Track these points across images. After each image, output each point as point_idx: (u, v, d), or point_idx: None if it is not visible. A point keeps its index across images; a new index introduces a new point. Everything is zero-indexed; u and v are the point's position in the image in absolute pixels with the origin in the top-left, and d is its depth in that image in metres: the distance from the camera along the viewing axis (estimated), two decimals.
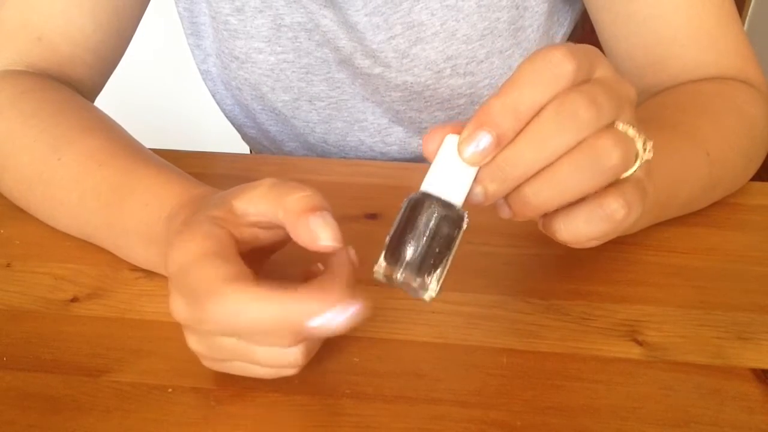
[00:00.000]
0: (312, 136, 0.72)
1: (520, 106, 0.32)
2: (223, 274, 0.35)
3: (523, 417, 0.39)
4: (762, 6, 1.73)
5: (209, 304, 0.34)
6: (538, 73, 0.33)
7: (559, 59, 0.33)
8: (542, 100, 0.33)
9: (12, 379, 0.41)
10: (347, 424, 0.38)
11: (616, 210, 0.35)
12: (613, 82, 0.35)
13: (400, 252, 0.34)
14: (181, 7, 0.70)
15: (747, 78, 0.58)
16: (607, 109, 0.33)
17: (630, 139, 0.35)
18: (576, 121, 0.33)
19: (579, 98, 0.33)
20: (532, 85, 0.33)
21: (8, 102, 0.55)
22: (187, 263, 0.36)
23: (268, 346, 0.37)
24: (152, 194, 0.46)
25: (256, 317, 0.34)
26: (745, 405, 0.40)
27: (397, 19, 0.63)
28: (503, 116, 0.32)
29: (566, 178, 0.33)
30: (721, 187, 0.55)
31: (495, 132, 0.32)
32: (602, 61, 0.36)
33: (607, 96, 0.34)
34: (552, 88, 0.33)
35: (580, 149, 0.33)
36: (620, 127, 0.35)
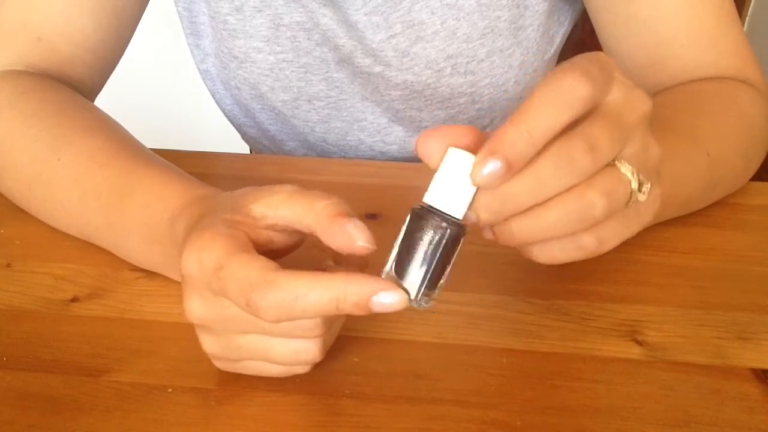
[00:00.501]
0: (312, 136, 0.72)
1: (534, 132, 0.32)
2: (265, 265, 0.35)
3: (523, 417, 0.39)
4: (762, 6, 1.73)
5: (264, 295, 0.34)
6: (551, 99, 0.33)
7: (571, 84, 0.33)
8: (557, 127, 0.33)
9: (12, 379, 0.41)
10: (347, 424, 0.38)
11: (590, 243, 0.35)
12: (624, 107, 0.35)
13: (408, 270, 0.35)
14: (181, 7, 0.70)
15: (747, 78, 0.58)
16: (607, 151, 0.34)
17: (623, 184, 0.35)
18: (572, 167, 0.33)
19: (578, 144, 0.33)
20: (545, 111, 0.32)
21: (8, 102, 0.55)
22: (217, 262, 0.35)
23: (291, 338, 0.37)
24: (154, 195, 0.46)
25: (315, 300, 0.34)
26: (745, 405, 0.40)
27: (397, 18, 0.63)
28: (516, 144, 0.32)
29: (553, 221, 0.34)
30: (722, 187, 0.55)
31: (508, 159, 0.32)
32: (617, 77, 0.35)
33: (609, 135, 0.34)
34: (566, 114, 0.33)
35: (569, 196, 0.33)
36: (620, 165, 0.35)
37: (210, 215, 0.39)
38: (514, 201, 0.34)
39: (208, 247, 0.36)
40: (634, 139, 0.35)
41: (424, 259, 0.35)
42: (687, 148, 0.50)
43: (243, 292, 0.35)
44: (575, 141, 0.33)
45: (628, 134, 0.35)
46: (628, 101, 0.35)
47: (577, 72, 0.33)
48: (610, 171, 0.34)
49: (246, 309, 0.35)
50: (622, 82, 0.35)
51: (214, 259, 0.35)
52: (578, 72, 0.33)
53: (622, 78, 0.36)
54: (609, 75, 0.35)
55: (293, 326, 0.37)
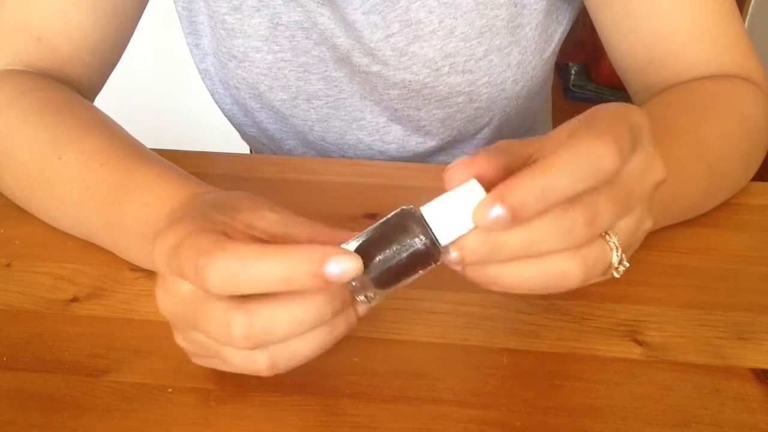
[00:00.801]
0: (311, 135, 0.72)
1: (548, 193, 0.31)
2: (217, 239, 0.34)
3: (523, 417, 0.39)
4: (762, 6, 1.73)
5: (211, 259, 0.32)
6: (577, 166, 0.32)
7: (602, 155, 0.32)
8: (573, 193, 0.32)
9: (12, 379, 0.41)
10: (347, 424, 0.38)
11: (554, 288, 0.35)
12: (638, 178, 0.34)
13: (370, 263, 0.33)
14: (180, 7, 0.70)
15: (749, 75, 0.58)
16: (606, 224, 0.33)
17: (605, 256, 0.34)
18: (569, 236, 0.32)
19: (581, 215, 0.32)
20: (567, 176, 0.32)
21: (8, 101, 0.55)
22: (176, 243, 0.34)
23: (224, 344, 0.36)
24: (153, 194, 0.46)
25: (263, 271, 0.32)
26: (745, 405, 0.40)
27: (395, 17, 0.63)
28: (528, 198, 0.31)
29: (527, 278, 0.34)
30: (721, 195, 0.55)
31: (515, 211, 0.31)
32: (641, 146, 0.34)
33: (613, 208, 0.33)
34: (587, 183, 0.32)
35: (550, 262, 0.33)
36: (609, 237, 0.34)
37: (189, 212, 0.38)
38: (502, 251, 0.33)
39: (172, 232, 0.35)
40: (633, 214, 0.35)
41: (391, 257, 0.33)
42: (688, 157, 0.50)
43: (192, 260, 0.33)
44: (578, 211, 0.32)
45: (632, 206, 0.35)
46: (644, 173, 0.35)
47: (610, 143, 0.32)
48: (598, 242, 0.34)
49: (195, 280, 0.33)
50: (646, 150, 0.35)
51: (175, 239, 0.34)
52: (611, 143, 0.32)
53: (647, 144, 0.35)
54: (637, 141, 0.34)
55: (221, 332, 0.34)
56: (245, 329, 0.34)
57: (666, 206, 0.49)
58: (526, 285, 0.34)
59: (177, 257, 0.34)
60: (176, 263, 0.34)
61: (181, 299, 0.35)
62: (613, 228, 0.34)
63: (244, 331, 0.34)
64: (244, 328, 0.34)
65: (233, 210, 0.37)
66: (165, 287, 0.36)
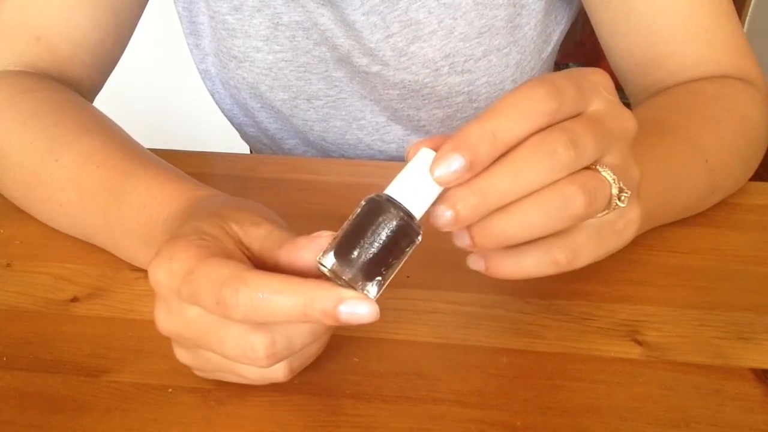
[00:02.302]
0: (311, 134, 0.73)
1: (497, 133, 0.32)
2: (238, 265, 0.34)
3: (523, 417, 0.39)
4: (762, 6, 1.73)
5: (234, 291, 0.33)
6: (519, 106, 0.32)
7: (541, 96, 0.32)
8: (520, 133, 0.32)
9: (12, 379, 0.41)
10: (347, 424, 0.38)
11: (562, 257, 0.35)
12: (606, 117, 0.35)
13: (353, 253, 0.33)
14: (180, 7, 0.70)
15: (746, 75, 0.58)
16: (590, 150, 0.33)
17: (604, 186, 0.34)
18: (553, 160, 0.32)
19: (560, 137, 0.32)
20: (511, 116, 0.32)
21: (6, 102, 0.55)
22: (188, 267, 0.35)
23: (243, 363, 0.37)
24: (150, 196, 0.46)
25: (282, 305, 0.33)
26: (745, 405, 0.40)
27: (395, 18, 0.63)
28: (479, 142, 0.32)
29: (534, 216, 0.33)
30: (720, 192, 0.55)
31: (469, 156, 0.32)
32: (599, 93, 0.35)
33: (592, 135, 0.33)
34: (531, 123, 0.32)
35: (549, 191, 0.33)
36: (601, 169, 0.34)
37: (188, 222, 0.38)
38: (493, 194, 0.33)
39: (178, 257, 0.35)
40: (616, 151, 0.35)
41: (372, 244, 0.33)
42: (685, 154, 0.50)
43: (213, 291, 0.33)
44: (557, 134, 0.32)
45: (610, 142, 0.35)
46: (611, 113, 0.35)
47: (547, 87, 0.33)
48: (591, 172, 0.34)
49: (216, 309, 0.34)
50: (607, 98, 0.35)
51: (185, 265, 0.34)
52: (549, 87, 0.33)
53: (608, 95, 0.36)
54: (588, 91, 0.35)
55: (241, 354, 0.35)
56: (268, 349, 0.35)
57: (665, 203, 0.49)
58: (538, 226, 0.33)
59: (192, 286, 0.34)
60: (190, 292, 0.34)
61: (191, 323, 0.36)
62: (601, 163, 0.34)
63: (267, 351, 0.35)
64: (267, 349, 0.35)
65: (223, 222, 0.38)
66: (169, 311, 0.36)
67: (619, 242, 0.37)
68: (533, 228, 0.34)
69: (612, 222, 0.36)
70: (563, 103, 0.33)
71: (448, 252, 0.51)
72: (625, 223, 0.37)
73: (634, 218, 0.37)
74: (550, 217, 0.33)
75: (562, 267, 0.35)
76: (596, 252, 0.36)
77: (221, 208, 0.39)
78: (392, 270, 0.34)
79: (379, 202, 0.33)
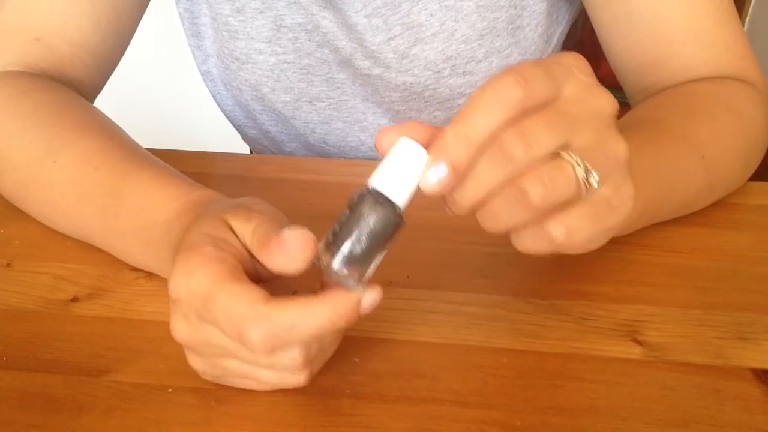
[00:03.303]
0: (312, 137, 0.72)
1: (471, 135, 0.33)
2: (255, 297, 0.35)
3: (523, 417, 0.39)
4: (762, 6, 1.73)
5: (257, 329, 0.35)
6: (487, 101, 0.33)
7: (506, 87, 0.33)
8: (493, 128, 0.33)
9: (12, 379, 0.41)
10: (347, 424, 0.38)
11: (556, 235, 0.35)
12: (577, 101, 0.35)
13: (343, 244, 0.35)
14: (182, 8, 0.70)
15: (746, 77, 0.58)
16: (545, 141, 0.34)
17: (563, 173, 0.34)
18: (505, 158, 0.33)
19: (508, 136, 0.33)
20: (481, 113, 0.33)
21: (6, 102, 0.55)
22: (206, 293, 0.36)
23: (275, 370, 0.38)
24: (148, 199, 0.46)
25: (309, 328, 0.35)
26: (745, 405, 0.40)
27: (397, 20, 0.63)
28: (457, 147, 0.33)
29: (498, 213, 0.35)
30: (718, 190, 0.55)
31: (450, 163, 0.33)
32: (571, 76, 0.35)
33: (545, 126, 0.34)
34: (501, 115, 0.33)
35: (509, 187, 0.34)
36: (565, 155, 0.34)
37: (196, 229, 0.39)
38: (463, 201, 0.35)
39: (196, 274, 0.36)
40: (584, 133, 0.35)
41: (360, 234, 0.35)
42: (682, 150, 0.50)
43: (234, 326, 0.35)
44: (506, 133, 0.33)
45: (573, 127, 0.35)
46: (581, 97, 0.35)
47: (513, 76, 0.33)
48: (550, 160, 0.34)
49: (237, 341, 0.35)
50: (580, 79, 0.36)
51: (203, 289, 0.36)
52: (514, 77, 0.33)
53: (582, 77, 0.36)
54: (559, 76, 0.35)
55: (275, 362, 0.37)
56: (307, 356, 0.38)
57: (662, 198, 0.49)
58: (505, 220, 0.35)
59: (211, 315, 0.36)
60: (210, 318, 0.36)
61: (213, 338, 0.37)
62: (569, 147, 0.35)
63: (306, 358, 0.38)
64: (306, 356, 0.38)
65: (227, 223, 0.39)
66: (189, 323, 0.37)
67: (616, 218, 0.37)
68: (502, 223, 0.35)
69: (607, 197, 0.36)
70: (531, 89, 0.33)
71: (448, 252, 0.51)
72: (620, 198, 0.37)
73: (630, 194, 0.37)
74: (514, 211, 0.34)
75: (559, 244, 0.36)
76: (593, 228, 0.36)
77: (223, 210, 0.39)
78: (379, 256, 0.36)
79: (366, 196, 0.35)
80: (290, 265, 0.36)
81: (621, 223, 0.37)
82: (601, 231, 0.37)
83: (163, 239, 0.43)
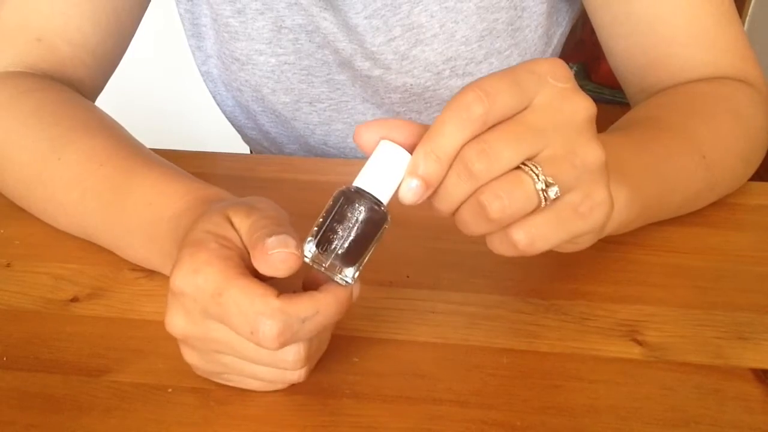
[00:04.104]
0: (312, 138, 0.72)
1: (438, 152, 0.35)
2: (266, 292, 0.35)
3: (523, 417, 0.39)
4: (762, 6, 1.73)
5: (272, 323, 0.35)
6: (451, 118, 0.34)
7: (468, 103, 0.34)
8: (459, 143, 0.34)
9: (12, 379, 0.41)
10: (347, 424, 0.38)
11: (518, 241, 0.36)
12: (549, 109, 0.35)
13: (331, 242, 0.36)
14: (182, 9, 0.70)
15: (746, 77, 0.58)
16: (506, 155, 0.34)
17: (520, 186, 0.35)
18: (467, 173, 0.34)
19: (470, 151, 0.34)
20: (446, 131, 0.34)
21: (8, 102, 0.55)
22: (216, 288, 0.36)
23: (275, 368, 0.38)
24: (156, 193, 0.46)
25: (313, 327, 0.36)
26: (745, 405, 0.40)
27: (397, 22, 0.63)
28: (426, 164, 0.35)
29: (466, 222, 0.36)
30: (719, 189, 0.55)
31: (422, 178, 0.35)
32: (543, 83, 0.35)
33: (506, 138, 0.34)
34: (465, 132, 0.34)
35: (471, 200, 0.35)
36: (526, 168, 0.35)
37: (200, 226, 0.39)
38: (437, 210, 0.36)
39: (203, 270, 0.36)
40: (552, 143, 0.35)
41: (348, 232, 0.36)
42: (682, 150, 0.50)
43: (248, 321, 0.35)
44: (468, 148, 0.34)
45: (539, 137, 0.35)
46: (552, 105, 0.35)
47: (474, 92, 0.34)
48: (510, 174, 0.35)
49: (249, 337, 0.35)
50: (554, 86, 0.36)
51: (212, 284, 0.36)
52: (477, 92, 0.34)
53: (557, 83, 0.36)
54: (529, 85, 0.35)
55: (278, 359, 0.38)
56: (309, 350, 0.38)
57: (662, 197, 0.49)
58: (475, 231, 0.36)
59: (222, 310, 0.36)
60: (220, 314, 0.36)
61: (214, 333, 0.37)
62: (534, 159, 0.35)
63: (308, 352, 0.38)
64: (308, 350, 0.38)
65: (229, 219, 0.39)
66: (189, 318, 0.37)
67: (584, 226, 0.37)
68: (471, 230, 0.36)
69: (573, 204, 0.36)
70: (493, 104, 0.34)
71: (448, 252, 0.51)
72: (590, 205, 0.37)
73: (601, 201, 0.37)
74: (477, 222, 0.35)
75: (522, 249, 0.36)
76: (558, 235, 0.36)
77: (226, 207, 0.39)
78: (367, 253, 0.37)
79: (351, 195, 0.36)
80: (273, 274, 0.36)
81: (596, 227, 0.37)
82: (571, 237, 0.37)
83: (169, 234, 0.43)
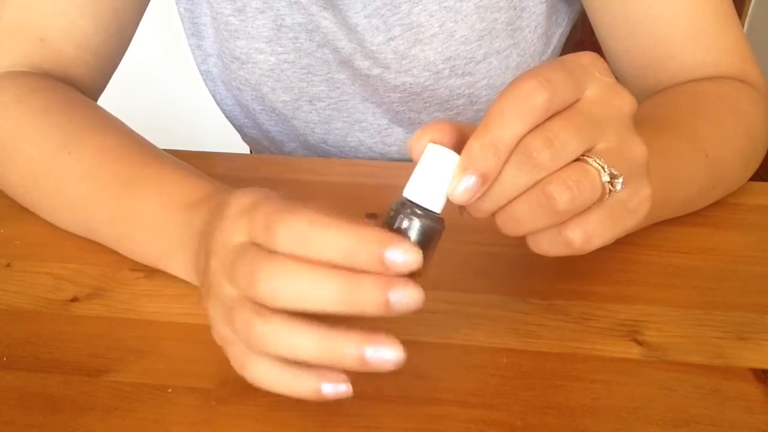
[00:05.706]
0: (312, 137, 0.72)
1: (497, 143, 0.33)
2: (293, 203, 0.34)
3: (523, 417, 0.39)
4: (762, 6, 1.73)
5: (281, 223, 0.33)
6: (511, 108, 0.33)
7: (529, 91, 0.33)
8: (519, 133, 0.34)
9: (12, 379, 0.41)
10: (347, 424, 0.38)
11: (574, 239, 0.35)
12: (599, 102, 0.35)
13: None
14: (182, 8, 0.70)
15: (746, 77, 0.58)
16: (572, 145, 0.34)
17: (588, 177, 0.34)
18: (531, 163, 0.33)
19: (534, 141, 0.33)
20: (506, 120, 0.33)
21: (15, 99, 0.55)
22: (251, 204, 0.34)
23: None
24: (172, 184, 0.46)
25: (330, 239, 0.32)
26: (745, 405, 0.40)
27: (396, 21, 0.63)
28: (484, 157, 0.33)
29: (521, 214, 0.35)
30: (720, 188, 0.55)
31: (479, 173, 0.33)
32: (592, 77, 0.35)
33: (572, 130, 0.34)
34: (526, 121, 0.33)
35: (533, 191, 0.34)
36: (589, 159, 0.35)
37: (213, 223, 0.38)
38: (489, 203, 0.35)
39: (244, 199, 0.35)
40: (608, 135, 0.35)
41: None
42: (684, 148, 0.50)
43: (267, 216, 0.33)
44: (532, 138, 0.34)
45: (598, 129, 0.35)
46: (603, 98, 0.35)
47: (536, 79, 0.33)
48: (575, 164, 0.34)
49: (265, 236, 0.33)
50: (601, 79, 0.36)
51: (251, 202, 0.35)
52: (537, 79, 0.33)
53: (602, 76, 0.36)
54: (580, 76, 0.35)
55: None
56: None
57: (665, 196, 0.49)
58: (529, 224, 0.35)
59: (250, 215, 0.34)
60: (247, 221, 0.34)
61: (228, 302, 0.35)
62: (593, 152, 0.35)
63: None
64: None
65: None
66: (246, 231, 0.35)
67: (632, 221, 0.37)
68: (524, 226, 0.35)
69: (624, 201, 0.36)
70: (554, 92, 0.34)
71: (449, 252, 0.51)
72: (638, 201, 0.37)
73: (646, 196, 0.37)
74: (538, 215, 0.35)
75: (576, 248, 0.36)
76: (610, 232, 0.36)
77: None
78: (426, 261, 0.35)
79: (403, 207, 0.35)
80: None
81: (638, 224, 0.38)
82: (620, 233, 0.37)
83: (183, 221, 0.43)
